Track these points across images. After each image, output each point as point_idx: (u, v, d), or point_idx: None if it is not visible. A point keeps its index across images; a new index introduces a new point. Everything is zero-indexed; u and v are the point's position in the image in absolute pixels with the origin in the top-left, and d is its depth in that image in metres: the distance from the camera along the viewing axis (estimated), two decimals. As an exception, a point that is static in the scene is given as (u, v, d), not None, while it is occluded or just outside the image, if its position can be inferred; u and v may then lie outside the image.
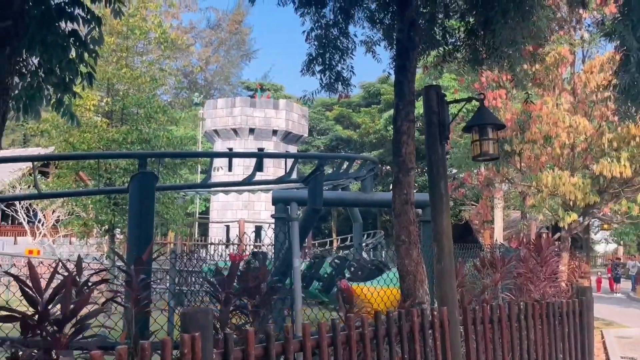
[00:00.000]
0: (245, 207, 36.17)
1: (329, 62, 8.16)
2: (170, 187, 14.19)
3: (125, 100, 17.23)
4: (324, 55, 8.22)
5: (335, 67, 8.20)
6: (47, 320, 3.45)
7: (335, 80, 8.17)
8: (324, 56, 8.22)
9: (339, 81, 8.22)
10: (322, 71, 8.16)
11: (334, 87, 8.25)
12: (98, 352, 2.88)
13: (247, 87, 53.00)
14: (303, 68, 8.26)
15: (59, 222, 28.21)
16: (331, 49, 8.27)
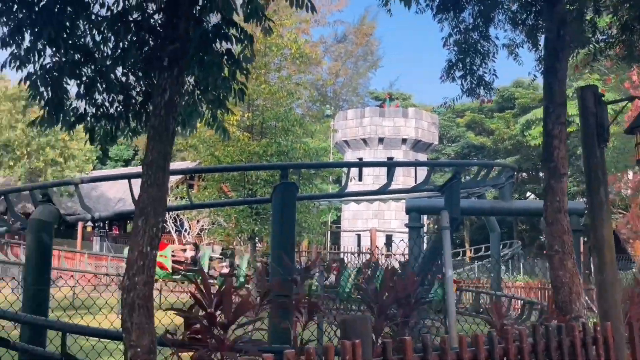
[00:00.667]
0: (376, 216, 36.25)
1: (470, 67, 7.98)
2: (310, 196, 14.62)
3: (265, 114, 18.03)
4: (464, 60, 8.06)
5: (476, 71, 8.02)
6: (215, 324, 3.67)
7: (477, 85, 7.97)
8: (464, 61, 8.06)
9: (481, 85, 8.01)
10: (462, 76, 8.01)
11: (475, 92, 8.06)
12: (269, 355, 3.00)
13: (375, 97, 53.25)
14: (443, 74, 8.15)
15: (202, 231, 30.01)
16: (471, 53, 8.09)
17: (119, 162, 51.41)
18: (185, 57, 4.47)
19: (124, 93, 5.91)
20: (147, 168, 4.17)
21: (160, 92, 4.32)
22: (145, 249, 3.95)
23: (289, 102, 18.75)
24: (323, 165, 18.37)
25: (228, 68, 5.72)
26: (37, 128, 6.17)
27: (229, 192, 21.05)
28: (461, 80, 8.16)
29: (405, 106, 43.29)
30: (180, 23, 4.35)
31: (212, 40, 5.41)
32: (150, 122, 4.36)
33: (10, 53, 5.56)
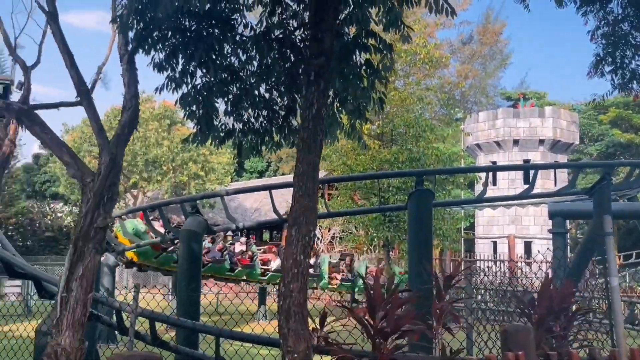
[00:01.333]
0: (513, 222, 34.76)
1: (621, 61, 7.44)
2: (446, 203, 14.36)
3: (395, 121, 18.00)
4: (614, 53, 7.53)
5: (628, 64, 7.45)
6: (380, 332, 3.71)
7: (629, 79, 7.41)
8: (614, 55, 7.53)
9: (635, 79, 7.43)
10: (613, 71, 7.49)
11: (628, 87, 7.49)
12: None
13: (507, 97, 51.17)
14: (590, 70, 7.68)
15: (334, 239, 30.50)
16: (622, 45, 7.54)
17: (253, 174, 53.75)
18: (329, 70, 4.58)
19: (268, 108, 6.18)
20: (298, 179, 4.31)
21: (308, 106, 4.46)
22: (299, 257, 4.09)
23: (419, 108, 18.57)
24: (459, 171, 17.98)
25: (367, 78, 5.79)
26: (189, 145, 6.63)
27: (359, 200, 21.23)
28: (611, 75, 7.63)
29: (540, 105, 41.16)
30: (326, 37, 4.47)
31: (352, 52, 5.51)
32: (299, 134, 4.51)
33: (167, 77, 6.03)
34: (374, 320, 3.66)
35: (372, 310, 3.66)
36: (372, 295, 3.69)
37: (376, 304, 3.64)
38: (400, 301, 3.70)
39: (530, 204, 24.55)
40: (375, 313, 3.66)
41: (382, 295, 3.82)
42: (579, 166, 14.75)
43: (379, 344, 3.63)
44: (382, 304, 3.67)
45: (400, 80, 20.08)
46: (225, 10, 5.74)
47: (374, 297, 3.66)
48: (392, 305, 3.62)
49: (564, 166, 29.33)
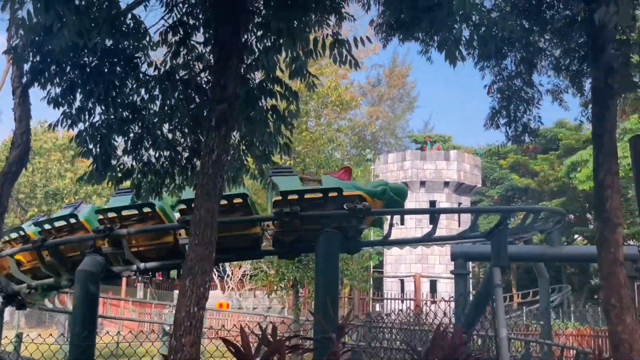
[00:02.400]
0: (419, 261, 35.66)
1: (514, 114, 7.90)
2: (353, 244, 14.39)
3: (306, 161, 18.13)
4: (508, 107, 7.99)
5: (520, 118, 7.92)
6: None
7: (522, 131, 7.86)
8: (508, 108, 7.98)
9: (526, 132, 7.89)
10: (507, 124, 7.92)
11: (520, 139, 7.94)
12: None
13: (414, 140, 53.15)
14: (487, 122, 8.08)
15: (245, 277, 30.05)
16: (515, 100, 8.01)
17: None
18: (232, 116, 4.54)
19: (170, 149, 6.04)
20: (195, 227, 4.20)
21: (208, 152, 4.39)
22: (193, 309, 3.95)
23: (330, 149, 18.84)
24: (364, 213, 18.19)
25: (273, 123, 5.80)
26: (85, 183, 6.35)
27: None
28: (505, 127, 8.06)
29: (445, 148, 42.98)
30: (229, 84, 4.44)
31: (258, 97, 5.51)
32: (198, 181, 4.42)
33: (62, 112, 5.77)
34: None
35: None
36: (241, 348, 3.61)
37: (246, 356, 3.56)
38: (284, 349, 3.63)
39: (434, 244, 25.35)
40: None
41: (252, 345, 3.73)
42: (479, 211, 15.47)
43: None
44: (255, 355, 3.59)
45: (312, 120, 20.36)
46: (128, 47, 5.60)
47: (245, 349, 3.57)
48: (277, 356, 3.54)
49: (465, 211, 30.59)
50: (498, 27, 6.35)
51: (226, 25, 4.54)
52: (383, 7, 6.96)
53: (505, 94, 8.05)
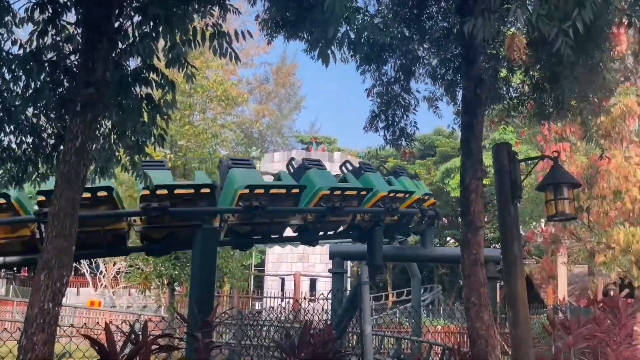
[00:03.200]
0: (300, 260, 36.03)
1: (392, 119, 8.15)
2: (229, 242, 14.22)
3: (187, 156, 17.69)
4: (387, 111, 8.23)
5: (398, 123, 8.18)
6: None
7: (399, 135, 8.13)
8: (387, 113, 8.22)
9: (403, 136, 8.17)
10: (385, 127, 8.15)
11: (398, 143, 8.21)
12: None
13: (300, 141, 53.74)
14: (366, 125, 8.27)
15: (119, 274, 28.80)
16: (393, 105, 8.27)
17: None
18: (100, 102, 4.29)
19: (34, 135, 5.60)
20: (54, 218, 3.92)
21: (72, 138, 4.11)
22: (47, 305, 3.68)
23: (214, 144, 18.51)
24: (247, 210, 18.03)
25: (148, 113, 5.55)
26: None
27: (150, 234, 20.32)
28: (384, 131, 8.30)
29: (330, 150, 43.81)
30: (98, 67, 4.19)
31: (132, 85, 5.25)
32: (59, 168, 4.12)
33: None
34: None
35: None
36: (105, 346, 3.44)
37: (110, 356, 3.40)
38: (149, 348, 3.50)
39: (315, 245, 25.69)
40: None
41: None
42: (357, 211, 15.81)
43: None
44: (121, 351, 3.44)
45: (197, 114, 19.91)
46: (-12, 23, 5.13)
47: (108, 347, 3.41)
48: (142, 355, 3.40)
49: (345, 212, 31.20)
50: (380, 32, 6.51)
51: (97, 6, 4.29)
52: (269, 3, 6.92)
53: (384, 98, 8.29)
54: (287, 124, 54.51)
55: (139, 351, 3.66)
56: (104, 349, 3.65)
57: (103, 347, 3.68)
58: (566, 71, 6.93)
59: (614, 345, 9.15)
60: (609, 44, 7.60)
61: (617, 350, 9.09)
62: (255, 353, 8.40)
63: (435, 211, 14.90)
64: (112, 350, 3.63)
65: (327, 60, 4.77)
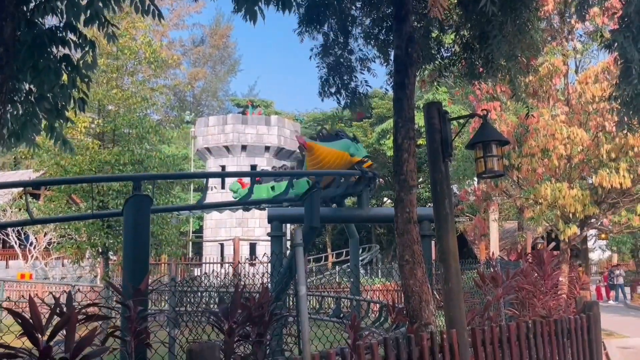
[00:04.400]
0: (239, 225, 35.91)
1: (341, 82, 8.04)
2: (165, 209, 14.00)
3: (117, 121, 17.06)
4: (335, 76, 8.11)
5: (348, 85, 8.09)
6: (50, 358, 3.31)
7: (352, 97, 8.05)
8: (334, 77, 8.10)
9: (356, 98, 8.09)
10: (337, 92, 8.05)
11: (354, 104, 8.13)
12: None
13: (237, 104, 52.98)
14: (320, 91, 8.12)
15: (51, 245, 27.88)
16: (339, 68, 8.15)
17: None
18: (10, 62, 4.00)
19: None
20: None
21: (-20, 102, 3.83)
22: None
23: (144, 108, 17.90)
24: (179, 177, 17.77)
25: (67, 75, 5.25)
26: None
27: (80, 202, 19.70)
28: (336, 95, 8.18)
29: (267, 113, 43.42)
30: (6, 25, 3.88)
31: (48, 45, 4.93)
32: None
33: None
34: (37, 345, 3.28)
35: (32, 335, 3.28)
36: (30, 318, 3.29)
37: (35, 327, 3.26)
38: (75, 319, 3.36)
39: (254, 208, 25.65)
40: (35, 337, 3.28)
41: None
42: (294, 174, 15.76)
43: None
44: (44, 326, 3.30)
45: (127, 78, 19.18)
46: None
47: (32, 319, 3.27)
48: (68, 326, 3.26)
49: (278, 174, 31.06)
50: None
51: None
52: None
53: (328, 62, 8.16)
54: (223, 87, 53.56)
55: (65, 322, 3.51)
56: (28, 323, 3.48)
57: (27, 321, 3.50)
58: (495, 31, 7.03)
59: (541, 295, 9.58)
60: (536, 3, 7.73)
61: (543, 300, 9.53)
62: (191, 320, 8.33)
63: (374, 173, 15.08)
64: (37, 323, 3.46)
65: (255, 18, 4.61)
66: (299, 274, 4.32)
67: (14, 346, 3.46)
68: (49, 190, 19.57)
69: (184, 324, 7.62)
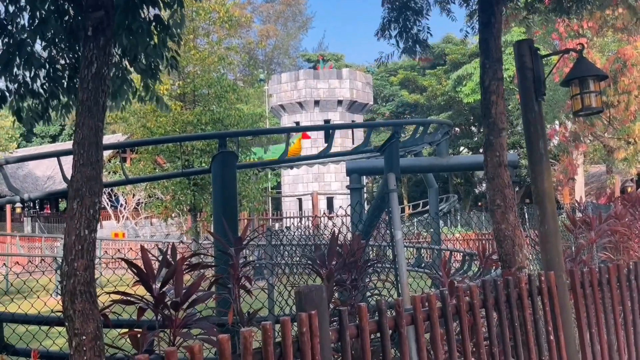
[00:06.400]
0: (316, 180, 36.34)
1: (404, 25, 7.89)
2: (249, 165, 14.38)
3: (196, 81, 17.47)
4: (399, 18, 7.96)
5: (411, 29, 7.93)
6: (163, 303, 3.53)
7: (413, 42, 7.90)
8: (399, 19, 7.96)
9: (417, 43, 7.94)
10: (398, 35, 7.91)
11: (412, 51, 7.99)
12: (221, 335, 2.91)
13: (307, 60, 52.82)
14: (378, 32, 8.03)
15: (140, 205, 29.27)
16: (405, 10, 8.00)
17: (45, 139, 49.20)
18: (111, 25, 4.17)
19: (47, 67, 5.51)
20: (79, 146, 3.90)
21: (87, 65, 4.02)
22: (83, 232, 3.72)
23: (220, 68, 18.21)
24: (261, 132, 18.10)
25: (157, 35, 5.41)
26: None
27: (164, 164, 20.49)
28: (396, 38, 8.06)
29: (338, 67, 43.14)
30: (103, -11, 4.03)
31: (139, 6, 5.08)
32: (79, 97, 4.06)
33: None
34: (151, 292, 3.50)
35: (146, 283, 3.50)
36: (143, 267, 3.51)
37: (148, 276, 3.47)
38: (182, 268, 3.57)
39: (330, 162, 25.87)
40: (149, 285, 3.50)
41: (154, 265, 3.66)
42: (371, 125, 15.72)
43: (169, 316, 3.47)
44: (156, 274, 3.51)
45: (202, 39, 19.50)
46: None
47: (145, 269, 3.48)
48: (176, 274, 3.46)
49: (358, 126, 31.17)
50: None
51: None
52: None
53: (396, 4, 8.00)
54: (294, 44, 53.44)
55: (174, 272, 3.73)
56: (142, 272, 3.72)
57: (141, 270, 3.75)
58: (586, -40, 6.63)
59: (636, 238, 9.24)
60: None
61: (639, 243, 9.20)
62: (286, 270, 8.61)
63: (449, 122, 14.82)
64: (150, 272, 3.70)
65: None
66: (394, 218, 4.37)
67: (130, 293, 3.72)
68: (136, 153, 20.42)
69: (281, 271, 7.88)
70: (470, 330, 4.39)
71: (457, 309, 4.23)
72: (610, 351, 5.62)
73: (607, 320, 5.65)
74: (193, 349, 2.80)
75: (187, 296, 3.74)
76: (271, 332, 3.06)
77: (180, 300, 3.65)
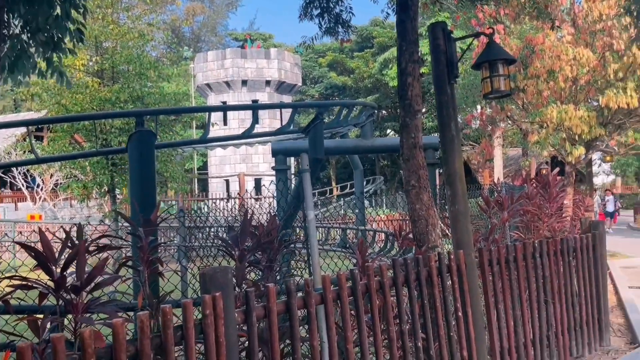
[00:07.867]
0: (244, 161, 36.02)
1: (326, 5, 7.83)
2: (169, 144, 13.97)
3: (114, 57, 16.78)
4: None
5: (333, 9, 7.88)
6: (64, 288, 3.36)
7: (335, 23, 7.86)
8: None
9: (339, 24, 7.91)
10: (320, 15, 7.84)
11: (334, 31, 7.95)
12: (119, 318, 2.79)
13: (235, 38, 51.92)
14: (301, 13, 7.93)
15: (58, 186, 28.08)
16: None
17: None
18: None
19: None
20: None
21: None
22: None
23: (141, 44, 17.56)
24: (181, 111, 17.60)
25: (61, 6, 5.11)
26: None
27: (83, 142, 19.67)
28: (319, 19, 8.00)
29: (266, 47, 42.64)
30: (-7, -48, 3.74)
31: (38, -26, 4.78)
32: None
33: None
34: (51, 276, 3.32)
35: (45, 267, 3.31)
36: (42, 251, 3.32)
37: (48, 259, 3.29)
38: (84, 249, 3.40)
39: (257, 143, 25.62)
40: (49, 269, 3.32)
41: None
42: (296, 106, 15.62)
43: (70, 300, 3.31)
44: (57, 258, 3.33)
45: (123, 13, 18.74)
46: None
47: (45, 253, 3.30)
48: (78, 256, 3.29)
49: (283, 106, 30.91)
50: None
51: None
52: None
53: (317, -17, 7.93)
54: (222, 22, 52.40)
55: (76, 254, 3.54)
56: (41, 255, 3.51)
57: (40, 253, 3.54)
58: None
59: (545, 218, 9.65)
60: None
61: (548, 222, 9.61)
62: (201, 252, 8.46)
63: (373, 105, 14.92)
64: (50, 254, 3.49)
65: None
66: (306, 199, 4.33)
67: (29, 277, 3.51)
68: (52, 131, 19.51)
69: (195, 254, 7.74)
70: (382, 309, 4.45)
71: (367, 287, 4.27)
72: (516, 325, 5.87)
73: (514, 296, 5.88)
74: (83, 334, 2.67)
75: (90, 279, 3.57)
76: (170, 315, 2.96)
77: (81, 284, 3.48)
